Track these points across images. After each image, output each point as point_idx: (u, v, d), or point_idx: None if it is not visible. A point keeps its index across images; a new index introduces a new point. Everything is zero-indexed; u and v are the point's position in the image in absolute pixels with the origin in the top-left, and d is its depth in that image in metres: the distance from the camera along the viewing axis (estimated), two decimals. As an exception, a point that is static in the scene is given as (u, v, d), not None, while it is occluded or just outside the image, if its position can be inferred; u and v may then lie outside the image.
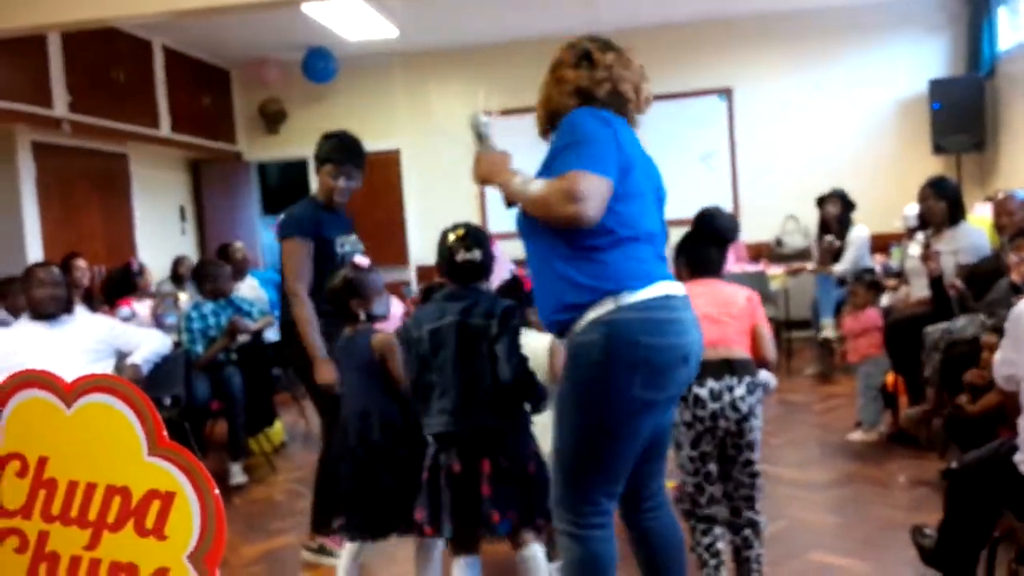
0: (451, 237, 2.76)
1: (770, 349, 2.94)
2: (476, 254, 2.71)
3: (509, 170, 2.31)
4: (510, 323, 2.62)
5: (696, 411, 2.76)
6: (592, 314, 2.14)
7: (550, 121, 2.37)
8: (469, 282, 2.72)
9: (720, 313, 2.84)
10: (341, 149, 3.63)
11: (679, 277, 2.89)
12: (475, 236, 2.75)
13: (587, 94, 2.31)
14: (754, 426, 2.82)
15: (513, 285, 5.02)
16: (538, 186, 2.16)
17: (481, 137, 2.48)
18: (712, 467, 2.82)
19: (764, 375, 3.02)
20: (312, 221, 3.54)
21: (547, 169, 2.20)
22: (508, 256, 6.53)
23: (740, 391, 2.76)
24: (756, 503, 2.86)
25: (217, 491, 1.07)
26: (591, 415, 2.19)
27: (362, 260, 3.11)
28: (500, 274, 5.76)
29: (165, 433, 1.09)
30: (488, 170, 2.39)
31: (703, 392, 2.74)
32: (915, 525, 3.27)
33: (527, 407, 2.69)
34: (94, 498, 1.12)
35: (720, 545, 2.87)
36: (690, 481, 2.83)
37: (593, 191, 2.06)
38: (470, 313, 2.64)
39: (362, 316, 3.04)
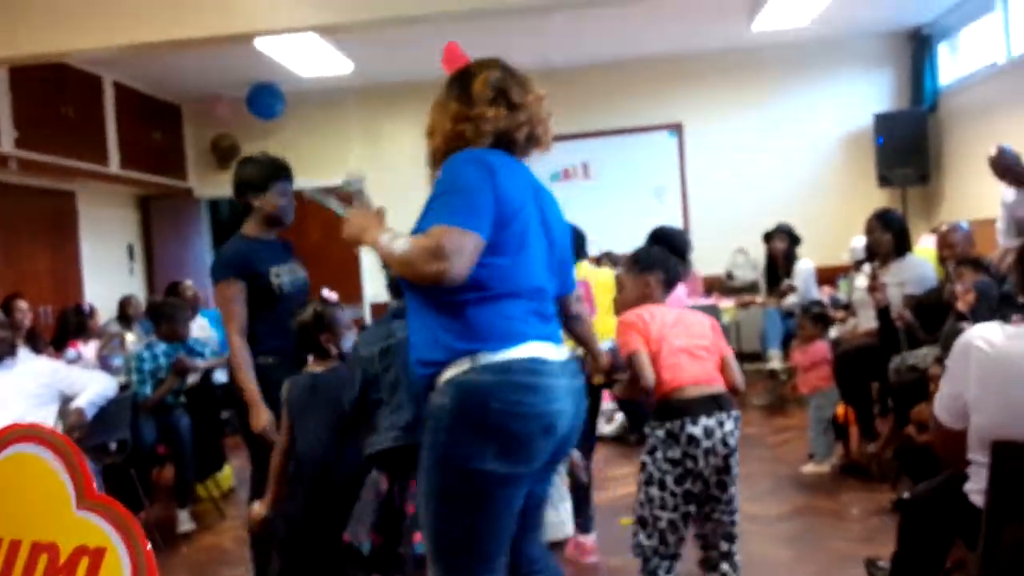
0: None
1: (740, 378, 2.93)
2: None
3: (379, 228, 2.14)
4: None
5: (688, 449, 2.67)
6: (448, 374, 1.98)
7: (447, 157, 2.13)
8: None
9: (696, 347, 2.80)
10: (282, 167, 3.49)
11: (649, 295, 2.90)
12: None
13: (506, 137, 2.13)
14: (737, 460, 2.78)
15: None
16: (403, 245, 1.99)
17: (352, 198, 2.40)
18: (692, 508, 2.74)
19: None
20: (240, 259, 3.35)
21: (423, 218, 2.04)
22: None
23: (730, 425, 2.73)
24: (736, 539, 2.81)
25: (150, 546, 1.03)
26: (447, 488, 2.00)
27: (330, 294, 3.05)
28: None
29: (95, 485, 1.05)
30: (357, 230, 2.23)
31: (697, 430, 2.67)
32: (868, 557, 3.29)
33: None
34: (19, 556, 1.07)
35: None
36: (665, 517, 2.72)
37: (458, 248, 1.89)
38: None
39: (333, 351, 2.98)
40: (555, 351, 2.05)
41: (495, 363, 1.96)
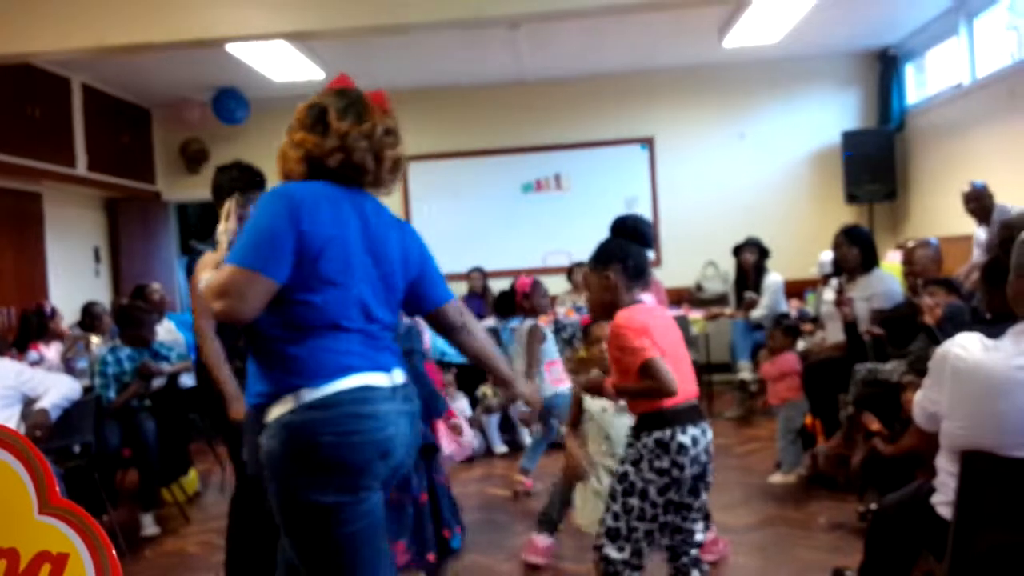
0: None
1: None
2: None
3: (213, 263, 2.15)
4: (415, 341, 2.64)
5: (677, 458, 2.64)
6: (275, 412, 1.98)
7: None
8: None
9: (681, 352, 2.78)
10: (247, 177, 3.45)
11: (611, 288, 2.80)
12: None
13: (317, 163, 2.11)
14: (712, 467, 2.78)
15: (510, 293, 5.10)
16: (206, 279, 1.99)
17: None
18: (671, 518, 2.72)
19: None
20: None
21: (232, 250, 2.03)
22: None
23: (711, 434, 2.74)
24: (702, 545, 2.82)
25: (114, 551, 1.00)
26: (300, 528, 1.98)
27: None
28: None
29: (58, 489, 1.02)
30: (201, 267, 2.23)
31: (686, 439, 2.65)
32: (836, 567, 3.32)
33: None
34: (-22, 561, 1.04)
35: None
36: (642, 528, 2.67)
37: (240, 290, 1.90)
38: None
39: None
40: (385, 379, 2.06)
41: (319, 399, 1.95)
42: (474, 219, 9.10)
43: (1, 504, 1.05)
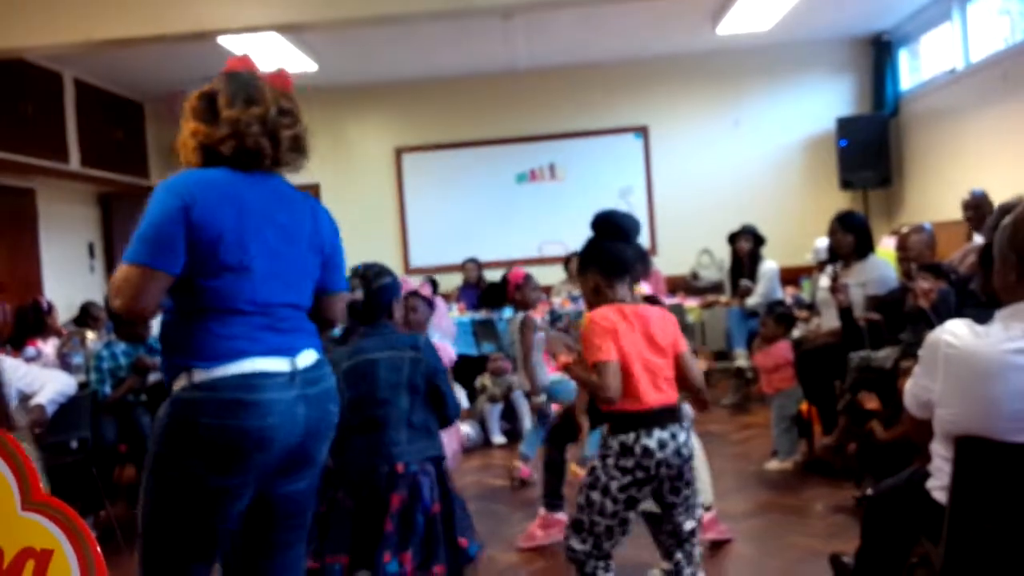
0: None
1: (699, 375, 2.87)
2: (358, 294, 2.75)
3: None
4: (435, 359, 2.74)
5: (641, 460, 2.65)
6: (175, 386, 2.03)
7: None
8: (362, 321, 2.77)
9: (655, 353, 2.75)
10: None
11: (591, 291, 2.82)
12: (363, 276, 2.79)
13: (212, 151, 2.13)
14: (692, 464, 2.78)
15: (500, 285, 5.10)
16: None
17: None
18: (632, 515, 2.73)
19: (686, 408, 3.03)
20: None
21: None
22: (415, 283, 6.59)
23: (683, 437, 2.71)
24: (694, 535, 2.81)
25: (99, 548, 1.00)
26: (161, 495, 2.02)
27: None
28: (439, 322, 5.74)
29: (42, 485, 1.02)
30: None
31: (651, 442, 2.65)
32: (833, 553, 3.31)
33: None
34: (-39, 558, 1.03)
35: None
36: (603, 523, 2.69)
37: (133, 286, 1.96)
38: (391, 347, 2.70)
39: None
40: (283, 363, 2.07)
41: (206, 380, 1.98)
42: (469, 210, 9.09)
43: (-16, 500, 1.05)
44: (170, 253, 1.98)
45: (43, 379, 4.17)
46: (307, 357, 2.14)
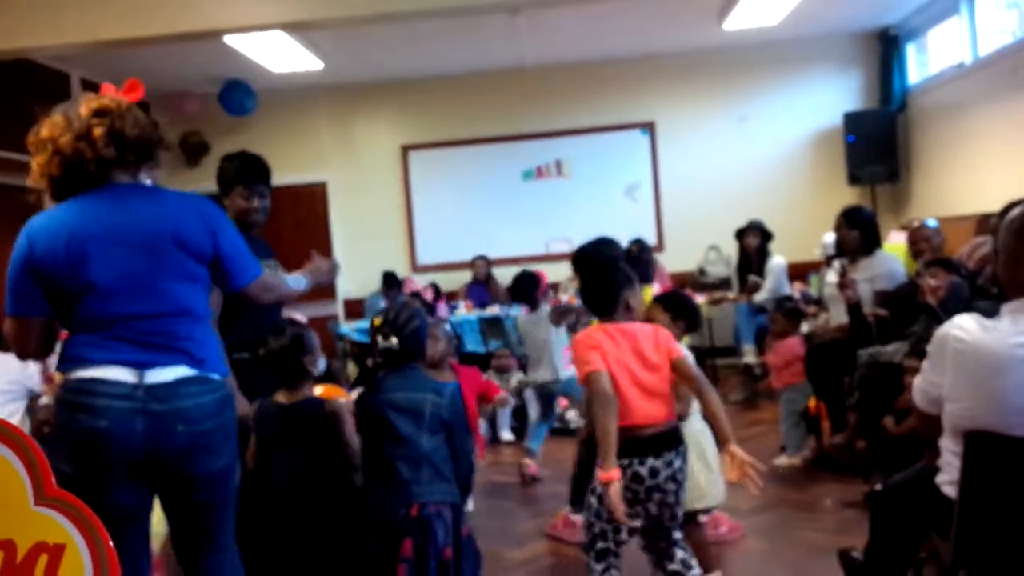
0: (374, 323, 2.80)
1: (699, 374, 2.86)
2: (392, 341, 2.75)
3: None
4: (459, 407, 2.75)
5: (631, 484, 2.69)
6: None
7: None
8: (398, 365, 2.77)
9: (645, 371, 2.76)
10: (249, 169, 3.39)
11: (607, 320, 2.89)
12: (394, 323, 2.77)
13: (54, 179, 2.31)
14: (686, 488, 2.81)
15: (526, 279, 5.10)
16: None
17: None
18: (633, 524, 2.78)
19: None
20: None
21: None
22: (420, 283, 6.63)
23: (678, 463, 2.73)
24: (680, 535, 2.84)
25: (111, 543, 1.00)
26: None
27: (300, 317, 3.03)
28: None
29: (54, 480, 1.02)
30: None
31: (643, 470, 2.68)
32: (842, 548, 3.31)
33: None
34: (-25, 553, 1.04)
35: (615, 574, 2.83)
36: (598, 525, 2.78)
37: (13, 335, 2.26)
38: (415, 389, 2.71)
39: (315, 373, 2.93)
40: (127, 374, 2.17)
41: (65, 382, 2.20)
42: (475, 207, 9.08)
43: (-3, 495, 1.06)
44: (29, 298, 2.23)
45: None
46: (164, 374, 2.20)
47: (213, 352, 2.32)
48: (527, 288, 5.39)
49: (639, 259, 5.61)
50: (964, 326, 2.40)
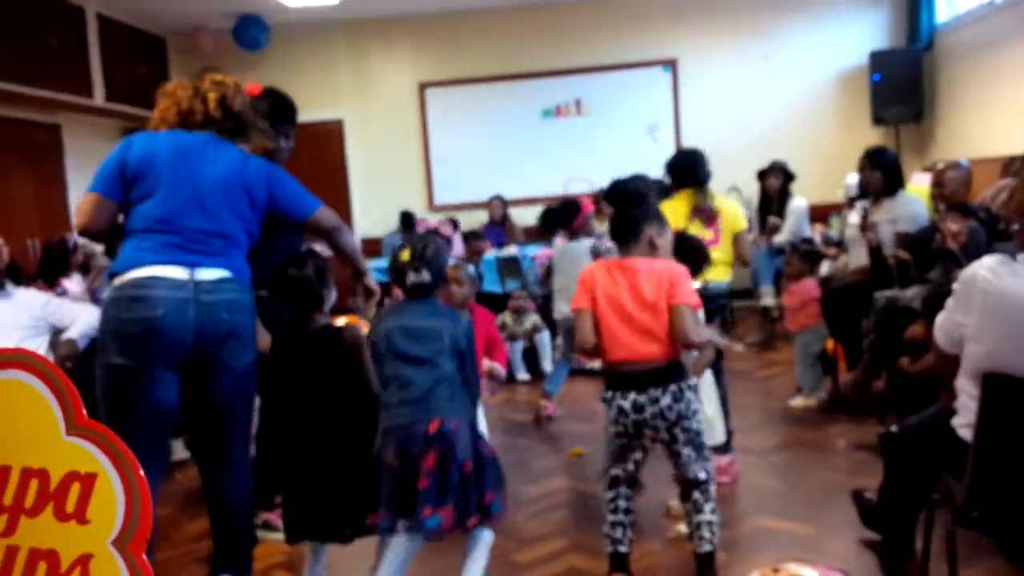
0: (401, 258, 2.80)
1: (688, 329, 2.74)
2: (425, 276, 2.78)
3: None
4: (471, 338, 2.81)
5: (618, 418, 2.78)
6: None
7: None
8: (422, 296, 2.82)
9: (638, 310, 2.75)
10: (279, 110, 3.40)
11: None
12: (423, 256, 2.79)
13: (166, 121, 2.84)
14: (690, 426, 2.79)
15: (569, 206, 5.27)
16: None
17: None
18: (636, 456, 2.87)
19: (694, 355, 3.04)
20: None
21: None
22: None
23: (666, 400, 2.72)
24: (704, 483, 2.83)
25: (142, 472, 1.03)
26: (98, 375, 2.62)
27: (323, 249, 3.04)
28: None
29: (84, 411, 1.04)
30: None
31: (625, 404, 2.74)
32: (855, 489, 3.34)
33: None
34: (9, 481, 1.06)
35: (623, 503, 2.89)
36: (607, 448, 2.94)
37: (82, 207, 2.68)
38: (433, 315, 2.77)
39: (326, 307, 2.96)
40: (181, 272, 2.60)
41: (118, 283, 2.60)
42: (493, 146, 9.02)
43: (29, 426, 1.08)
44: (111, 183, 2.68)
45: (74, 313, 4.22)
46: (210, 273, 2.65)
47: (245, 271, 2.79)
48: (568, 216, 5.40)
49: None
50: (994, 268, 2.39)
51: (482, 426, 2.93)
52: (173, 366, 2.63)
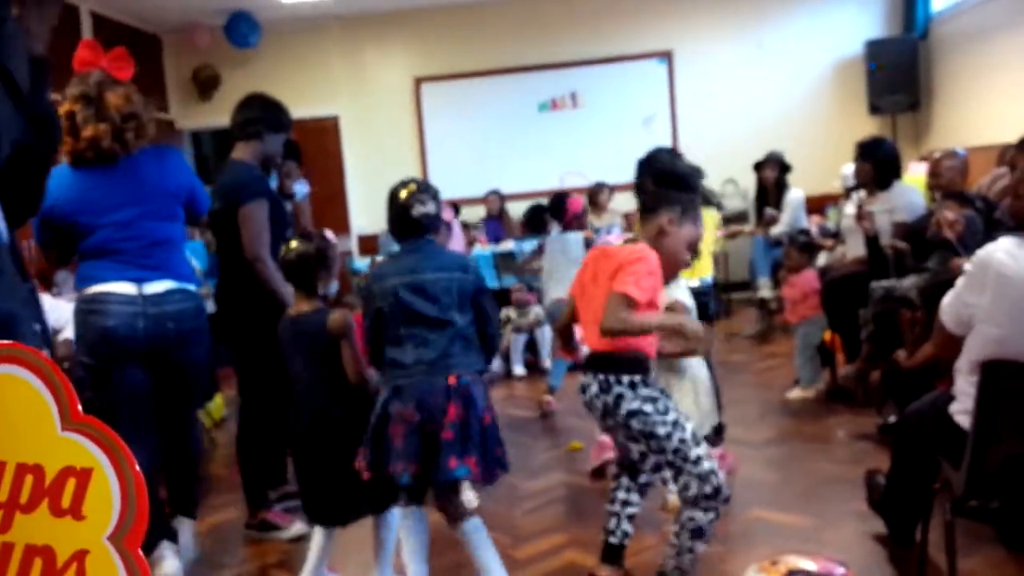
0: (403, 193, 2.80)
1: (607, 313, 2.53)
2: (431, 207, 2.80)
3: None
4: (481, 278, 2.82)
5: (583, 395, 2.74)
6: None
7: None
8: (423, 235, 2.80)
9: (596, 292, 2.66)
10: (286, 115, 3.66)
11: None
12: (427, 188, 2.82)
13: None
14: (628, 423, 2.60)
15: (555, 204, 5.33)
16: None
17: None
18: (630, 444, 2.83)
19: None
20: (265, 184, 3.56)
21: None
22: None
23: (594, 388, 2.65)
24: (683, 480, 2.60)
25: (138, 467, 1.02)
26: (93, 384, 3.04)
27: (331, 235, 3.04)
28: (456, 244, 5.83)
29: (80, 407, 1.04)
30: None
31: (586, 380, 2.69)
32: (869, 470, 3.31)
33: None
34: (3, 477, 1.05)
35: (621, 495, 2.89)
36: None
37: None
38: (442, 268, 2.76)
39: (321, 291, 2.96)
40: (130, 287, 2.97)
41: (81, 296, 3.01)
42: (489, 140, 9.00)
43: (24, 421, 1.07)
44: (42, 233, 3.06)
45: (68, 314, 4.21)
46: (156, 286, 3.00)
47: (187, 270, 3.16)
48: (556, 212, 5.54)
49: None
50: (1011, 252, 2.39)
51: (494, 365, 2.97)
52: (136, 361, 3.02)
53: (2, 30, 1.60)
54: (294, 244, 2.92)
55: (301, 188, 5.14)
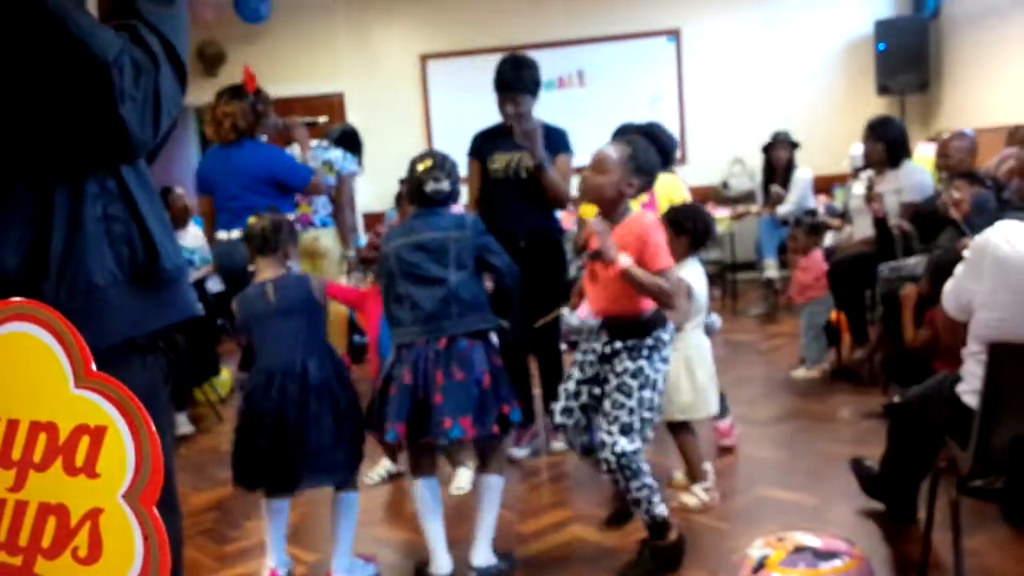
0: (419, 168, 2.87)
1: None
2: (445, 184, 2.85)
3: None
4: (481, 235, 2.87)
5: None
6: None
7: None
8: (436, 206, 2.88)
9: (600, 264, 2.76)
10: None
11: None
12: (443, 166, 2.87)
13: None
14: (618, 383, 2.76)
15: None
16: None
17: None
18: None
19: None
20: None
21: None
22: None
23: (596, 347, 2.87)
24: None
25: (153, 426, 1.02)
26: None
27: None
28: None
29: (93, 364, 1.03)
30: None
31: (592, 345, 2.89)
32: (855, 457, 3.34)
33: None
34: (17, 435, 1.05)
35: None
36: (649, 417, 2.93)
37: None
38: (439, 228, 2.82)
39: (289, 262, 2.98)
40: None
41: None
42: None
43: (37, 378, 1.07)
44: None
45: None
46: None
47: None
48: None
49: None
50: (1009, 237, 2.38)
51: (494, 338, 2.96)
52: None
53: (171, 4, 1.55)
54: (253, 220, 2.97)
55: (349, 165, 5.46)
